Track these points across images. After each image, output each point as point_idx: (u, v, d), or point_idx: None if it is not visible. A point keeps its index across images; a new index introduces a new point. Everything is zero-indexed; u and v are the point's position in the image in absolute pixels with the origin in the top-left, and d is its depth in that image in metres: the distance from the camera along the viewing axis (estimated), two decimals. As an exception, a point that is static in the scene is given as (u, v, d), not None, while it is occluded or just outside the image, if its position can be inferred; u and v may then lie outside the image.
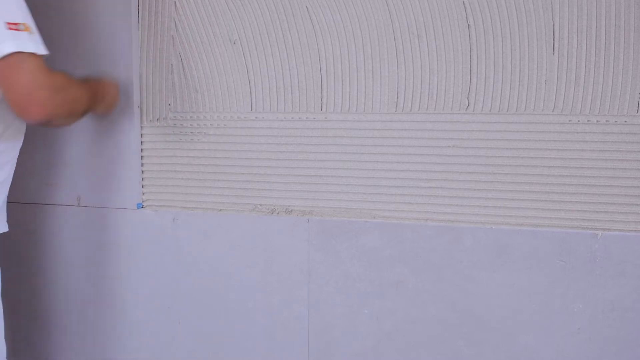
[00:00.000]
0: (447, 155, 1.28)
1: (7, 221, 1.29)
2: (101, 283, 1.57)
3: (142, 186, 1.52)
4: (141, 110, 1.50)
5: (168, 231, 1.50)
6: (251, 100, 1.41)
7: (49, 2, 1.51)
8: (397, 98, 1.31)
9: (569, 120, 1.21)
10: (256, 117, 1.41)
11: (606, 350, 1.21)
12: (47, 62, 1.11)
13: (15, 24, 1.06)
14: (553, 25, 1.20)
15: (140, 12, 1.47)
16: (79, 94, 1.22)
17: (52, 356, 1.64)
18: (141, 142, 1.51)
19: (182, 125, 1.47)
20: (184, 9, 1.44)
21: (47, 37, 1.47)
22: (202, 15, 1.43)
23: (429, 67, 1.28)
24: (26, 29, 1.07)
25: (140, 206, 1.53)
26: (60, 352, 1.64)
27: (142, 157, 1.51)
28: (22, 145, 1.29)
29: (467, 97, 1.26)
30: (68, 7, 1.51)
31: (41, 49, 1.09)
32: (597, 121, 1.19)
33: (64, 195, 1.58)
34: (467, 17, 1.25)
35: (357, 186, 1.35)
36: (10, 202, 1.32)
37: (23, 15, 1.08)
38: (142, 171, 1.52)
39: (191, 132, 1.47)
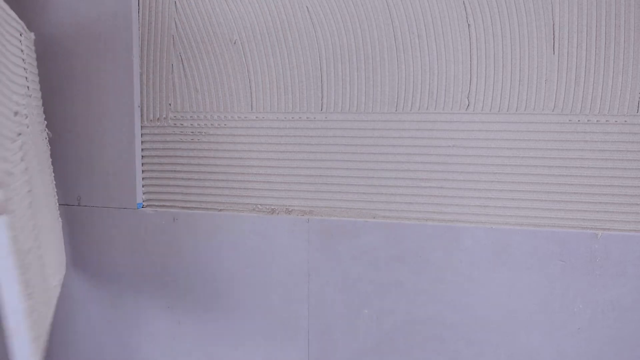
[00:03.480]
0: (447, 155, 1.28)
1: None
2: (101, 283, 1.57)
3: (142, 186, 1.52)
4: (141, 110, 1.50)
5: (168, 231, 1.50)
6: (251, 100, 1.41)
7: (49, 2, 1.51)
8: (397, 98, 1.31)
9: (569, 120, 1.21)
10: (256, 117, 1.41)
11: (606, 350, 1.21)
12: (48, 63, 1.11)
13: None
14: (553, 24, 1.20)
15: (140, 12, 1.47)
16: None
17: (52, 356, 1.64)
18: (141, 142, 1.51)
19: (182, 125, 1.47)
20: (184, 9, 1.44)
21: (47, 37, 1.48)
22: (202, 15, 1.43)
23: (429, 67, 1.28)
24: None
25: (140, 206, 1.53)
26: (61, 352, 1.64)
27: (142, 157, 1.51)
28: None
29: (467, 97, 1.26)
30: (68, 7, 1.51)
31: None
32: (597, 121, 1.19)
33: (64, 195, 1.58)
34: (467, 17, 1.25)
35: (357, 186, 1.35)
36: (10, 202, 1.32)
37: None
38: (142, 171, 1.52)
39: (191, 132, 1.47)
